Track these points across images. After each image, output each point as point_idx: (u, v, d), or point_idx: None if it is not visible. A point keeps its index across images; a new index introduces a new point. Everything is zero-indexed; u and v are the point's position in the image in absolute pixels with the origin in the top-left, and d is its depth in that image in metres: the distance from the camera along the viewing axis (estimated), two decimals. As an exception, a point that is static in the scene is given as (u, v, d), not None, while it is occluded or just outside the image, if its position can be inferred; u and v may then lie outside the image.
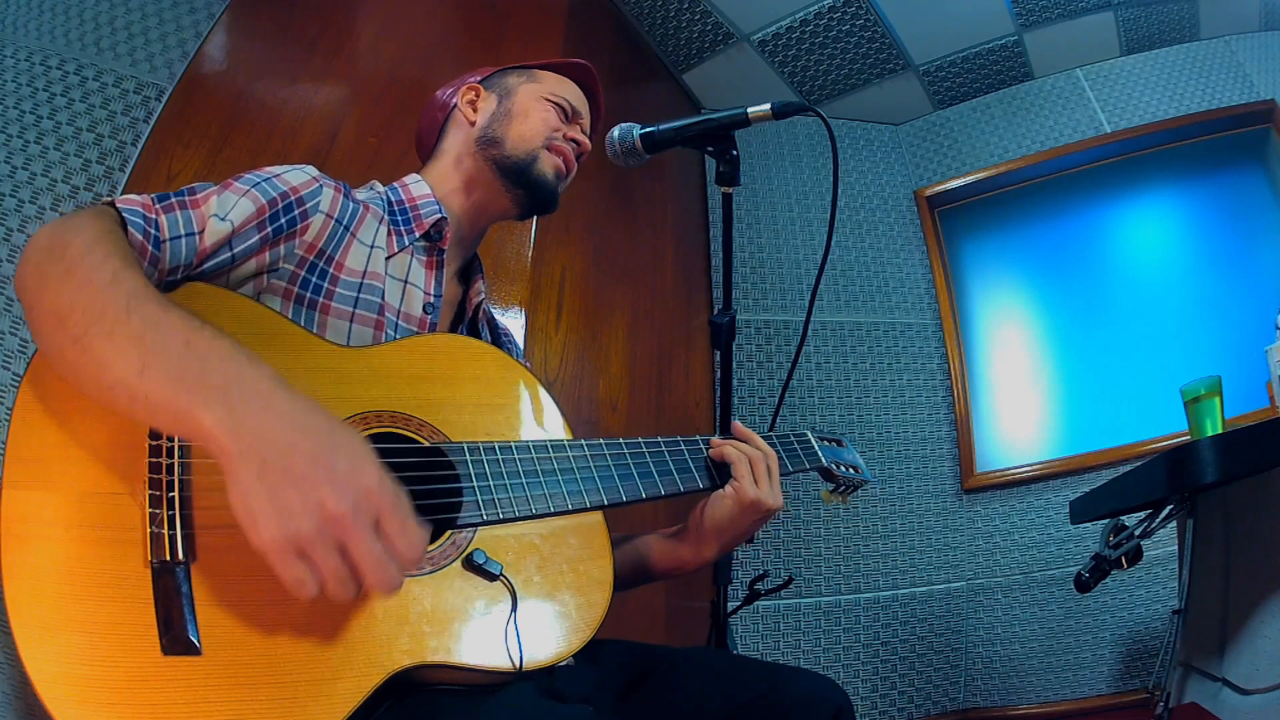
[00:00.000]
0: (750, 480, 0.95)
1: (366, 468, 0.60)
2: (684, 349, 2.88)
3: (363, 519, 0.58)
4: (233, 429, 0.57)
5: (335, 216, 0.91)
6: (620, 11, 2.88)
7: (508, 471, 0.82)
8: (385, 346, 0.86)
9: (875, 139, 3.50)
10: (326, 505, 0.57)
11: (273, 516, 0.56)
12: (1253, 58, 3.05)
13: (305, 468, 0.57)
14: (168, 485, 0.65)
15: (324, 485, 0.57)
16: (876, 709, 2.73)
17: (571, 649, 0.78)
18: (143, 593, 0.62)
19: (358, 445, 0.61)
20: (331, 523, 0.57)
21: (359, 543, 0.58)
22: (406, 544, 0.60)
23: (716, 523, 0.97)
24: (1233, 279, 2.87)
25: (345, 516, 0.57)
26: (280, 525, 0.56)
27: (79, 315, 0.62)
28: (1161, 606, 2.56)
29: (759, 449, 0.98)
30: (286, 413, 0.60)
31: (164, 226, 0.78)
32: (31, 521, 0.62)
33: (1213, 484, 1.38)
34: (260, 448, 0.57)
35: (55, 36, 1.91)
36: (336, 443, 0.60)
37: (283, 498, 0.56)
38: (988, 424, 3.09)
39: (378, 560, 0.58)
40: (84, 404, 0.66)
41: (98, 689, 0.58)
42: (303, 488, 0.57)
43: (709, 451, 0.99)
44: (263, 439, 0.58)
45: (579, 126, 1.11)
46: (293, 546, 0.56)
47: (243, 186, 0.86)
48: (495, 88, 1.12)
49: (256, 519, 0.56)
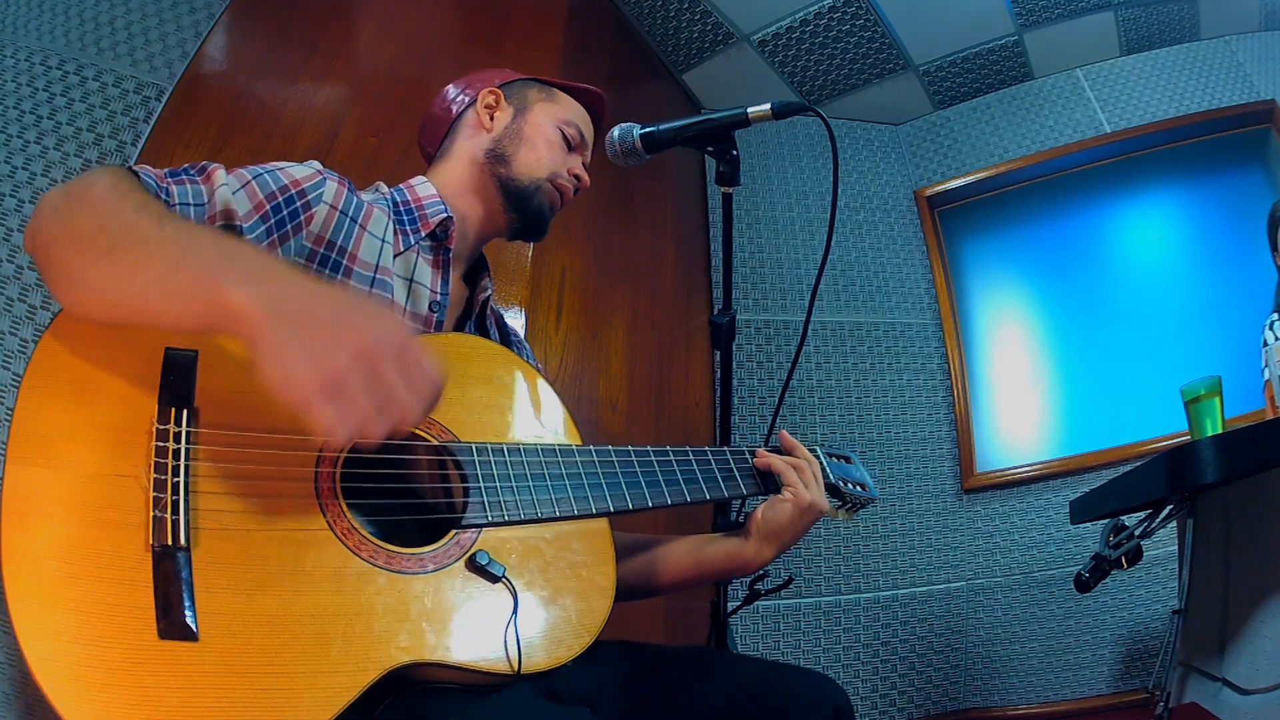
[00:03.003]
0: (802, 486, 1.00)
1: (385, 312, 0.67)
2: (684, 349, 2.88)
3: (389, 351, 0.63)
4: (264, 301, 0.61)
5: (340, 208, 0.92)
6: (620, 11, 2.88)
7: (515, 474, 0.82)
8: None
9: (875, 139, 3.50)
10: (356, 340, 0.62)
11: (307, 361, 0.59)
12: (1253, 58, 3.05)
13: (333, 317, 0.63)
14: (173, 470, 0.65)
15: (351, 328, 0.62)
16: (876, 709, 2.73)
17: (571, 654, 0.77)
18: (142, 576, 0.61)
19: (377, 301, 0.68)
20: (363, 354, 0.61)
21: (389, 370, 0.62)
22: (426, 376, 0.65)
23: (777, 525, 1.00)
24: (1233, 279, 2.87)
25: (375, 347, 0.62)
26: (315, 367, 0.59)
27: (109, 234, 0.65)
28: (1161, 606, 2.56)
29: (804, 457, 1.04)
30: (309, 286, 0.65)
31: (174, 194, 0.80)
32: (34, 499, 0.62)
33: (1213, 484, 1.38)
34: (289, 310, 0.61)
35: (55, 36, 1.91)
36: (356, 299, 0.68)
37: (314, 343, 0.60)
38: (988, 424, 3.09)
39: (407, 387, 0.63)
40: (94, 386, 0.66)
41: (92, 669, 0.58)
42: (333, 331, 0.62)
43: (754, 461, 1.03)
44: (291, 303, 0.62)
45: (582, 159, 1.12)
46: (328, 385, 0.59)
47: (246, 175, 0.87)
48: (514, 99, 1.12)
49: (291, 369, 0.59)
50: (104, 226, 0.66)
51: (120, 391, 0.67)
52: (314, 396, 0.59)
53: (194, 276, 0.62)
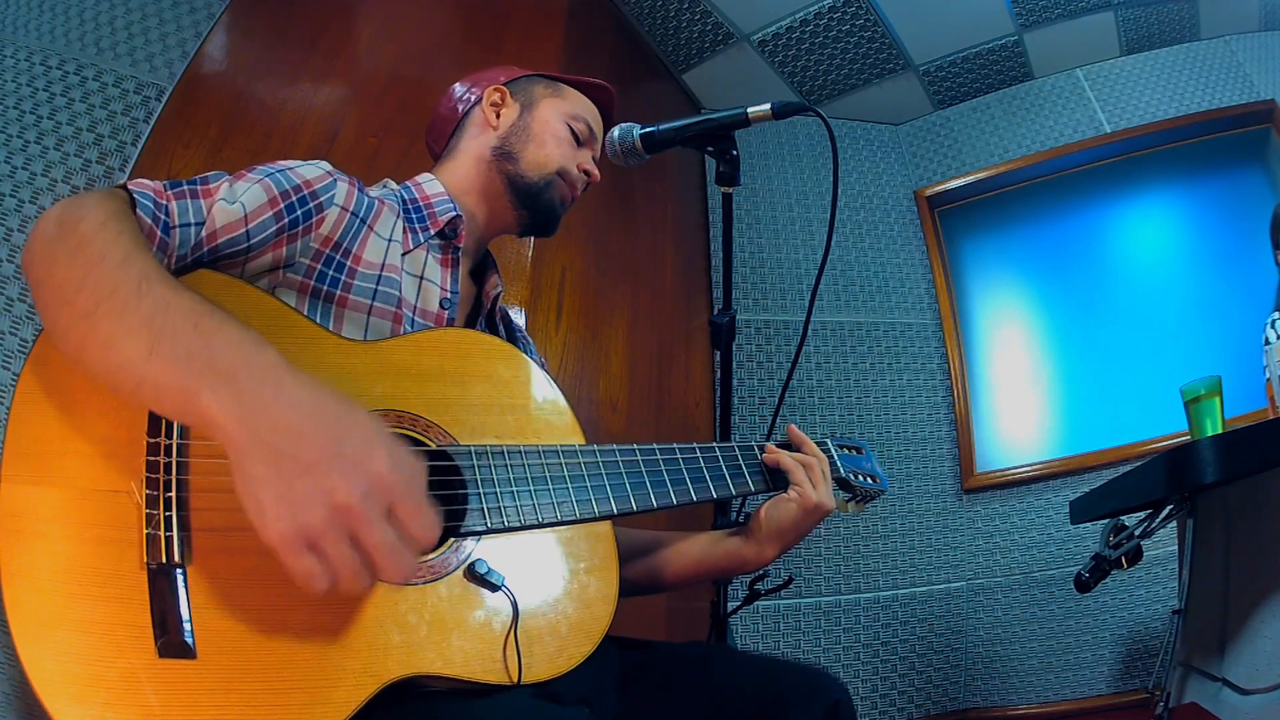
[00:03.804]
0: (810, 485, 0.98)
1: (377, 451, 0.58)
2: (684, 349, 2.88)
3: (374, 507, 0.56)
4: (240, 416, 0.56)
5: (351, 210, 0.91)
6: (620, 11, 2.88)
7: (515, 477, 0.80)
8: (395, 341, 0.85)
9: (875, 139, 3.49)
10: (336, 495, 0.55)
11: (282, 508, 0.55)
12: (1253, 58, 3.05)
13: (313, 455, 0.56)
14: (165, 485, 0.64)
15: (332, 473, 0.55)
16: (876, 709, 2.73)
17: (572, 663, 0.76)
18: (139, 594, 0.61)
19: (368, 427, 0.59)
20: (341, 512, 0.55)
21: (370, 533, 0.56)
22: (420, 528, 0.58)
23: (780, 524, 0.99)
24: (1233, 279, 2.87)
25: (355, 506, 0.55)
26: (289, 517, 0.54)
27: (89, 292, 0.61)
28: (1161, 606, 2.56)
29: (813, 454, 1.01)
30: (294, 398, 0.58)
31: (174, 213, 0.78)
32: (29, 517, 0.61)
33: (1213, 484, 1.38)
34: (267, 435, 0.56)
35: (55, 36, 1.91)
36: (345, 427, 0.58)
37: (291, 488, 0.55)
38: (988, 424, 3.09)
39: (390, 549, 0.57)
40: (84, 398, 0.66)
41: (93, 688, 0.58)
42: (311, 477, 0.55)
43: (763, 457, 1.01)
44: (270, 426, 0.56)
45: (591, 154, 1.11)
46: (302, 538, 0.55)
47: (256, 176, 0.86)
48: (520, 95, 1.11)
49: (264, 510, 0.55)
50: (85, 282, 0.62)
51: (110, 404, 0.66)
52: (288, 547, 0.55)
53: (167, 371, 0.58)
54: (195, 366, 0.57)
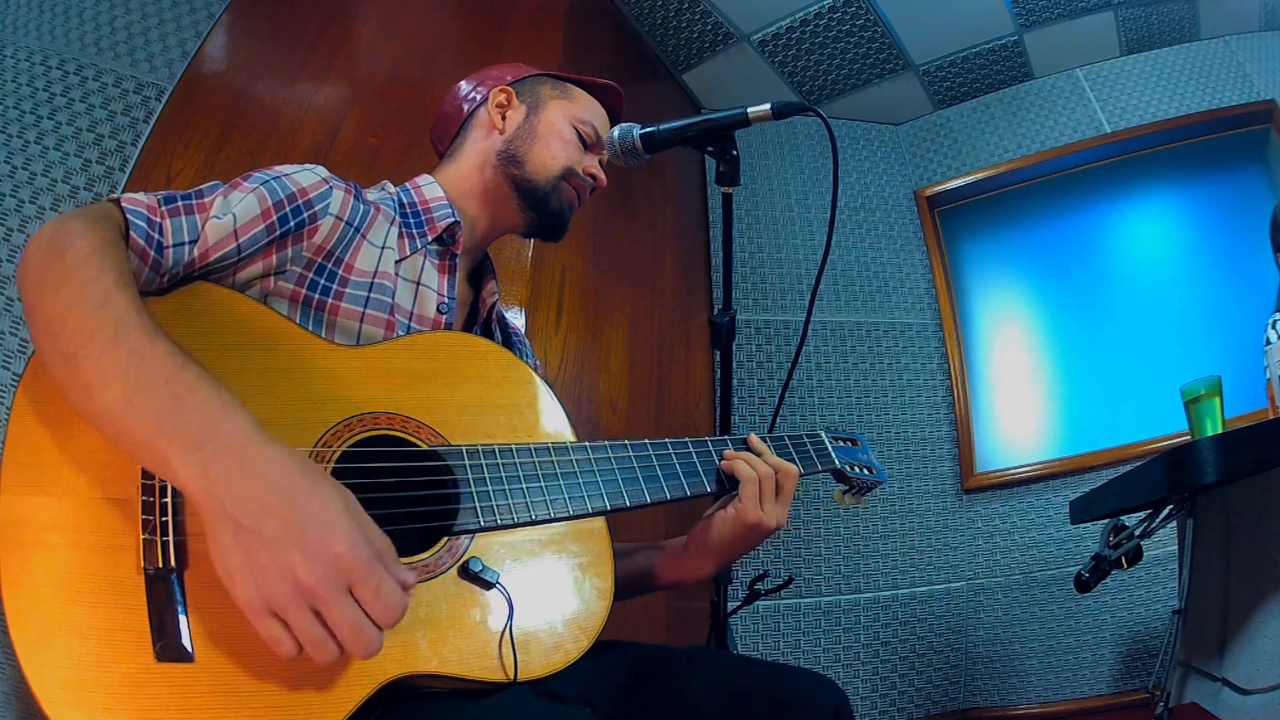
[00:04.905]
0: (755, 502, 0.93)
1: (337, 532, 0.58)
2: (684, 349, 2.88)
3: (334, 587, 0.57)
4: (206, 487, 0.58)
5: (345, 219, 0.90)
6: (620, 11, 2.88)
7: (507, 476, 0.80)
8: (385, 345, 0.84)
9: (875, 139, 3.50)
10: (298, 574, 0.56)
11: (248, 577, 0.57)
12: (1253, 58, 3.05)
13: (275, 531, 0.57)
14: (161, 491, 0.65)
15: (294, 552, 0.57)
16: (876, 709, 2.73)
17: (569, 659, 0.76)
18: (137, 599, 0.62)
19: (333, 503, 0.59)
20: (304, 591, 0.57)
21: (332, 611, 0.57)
22: (382, 609, 0.59)
23: (716, 542, 0.96)
24: (1233, 279, 2.87)
25: (316, 587, 0.57)
26: (254, 586, 0.57)
27: (70, 333, 0.62)
28: (1161, 606, 2.56)
29: (771, 466, 0.95)
30: (260, 471, 0.59)
31: (168, 231, 0.77)
32: (28, 526, 0.62)
33: (1213, 484, 1.38)
34: (231, 507, 0.57)
35: (55, 36, 1.91)
36: (309, 503, 0.59)
37: (254, 561, 0.57)
38: (988, 424, 3.09)
39: (352, 626, 0.58)
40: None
41: (93, 693, 0.58)
42: (273, 552, 0.57)
43: (720, 463, 0.96)
44: (234, 498, 0.57)
45: (598, 158, 1.09)
46: (267, 608, 0.57)
47: (250, 185, 0.85)
48: (526, 96, 1.09)
49: (233, 577, 0.57)
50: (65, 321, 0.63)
51: None
52: (254, 613, 0.57)
53: (141, 428, 0.59)
54: (165, 429, 0.59)
